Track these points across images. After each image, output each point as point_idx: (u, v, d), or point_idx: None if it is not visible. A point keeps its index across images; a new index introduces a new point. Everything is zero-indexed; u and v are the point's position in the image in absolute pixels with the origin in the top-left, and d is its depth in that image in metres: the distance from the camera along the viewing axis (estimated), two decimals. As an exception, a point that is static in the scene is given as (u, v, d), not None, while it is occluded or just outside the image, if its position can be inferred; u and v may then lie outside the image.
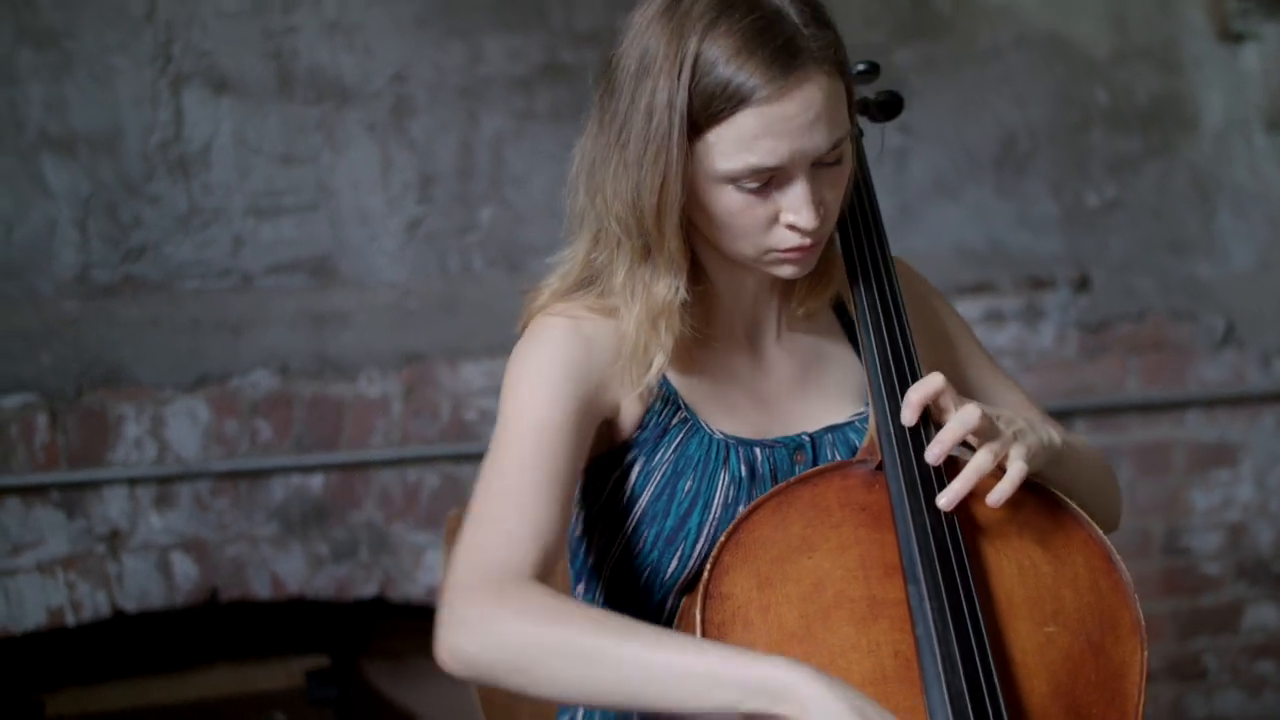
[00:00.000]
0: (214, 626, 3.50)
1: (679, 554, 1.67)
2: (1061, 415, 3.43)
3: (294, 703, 3.28)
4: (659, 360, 1.65)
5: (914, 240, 3.45)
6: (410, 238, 3.22)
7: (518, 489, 1.58)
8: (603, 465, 1.71)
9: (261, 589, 3.17)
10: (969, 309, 3.44)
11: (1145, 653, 1.62)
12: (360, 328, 3.17)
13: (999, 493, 1.58)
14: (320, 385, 3.14)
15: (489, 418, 3.19)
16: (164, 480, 3.10)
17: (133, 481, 3.09)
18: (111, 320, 3.09)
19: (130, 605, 3.11)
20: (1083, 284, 3.54)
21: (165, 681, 3.31)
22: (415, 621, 3.04)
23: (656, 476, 1.68)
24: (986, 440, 1.60)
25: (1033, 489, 1.66)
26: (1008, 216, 3.53)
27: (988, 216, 3.53)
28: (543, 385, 1.63)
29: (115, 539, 3.09)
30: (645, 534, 1.68)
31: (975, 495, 1.64)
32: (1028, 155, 3.54)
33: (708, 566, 1.54)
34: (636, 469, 1.69)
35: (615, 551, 1.70)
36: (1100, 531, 1.67)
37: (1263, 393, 3.66)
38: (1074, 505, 1.67)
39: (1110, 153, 3.58)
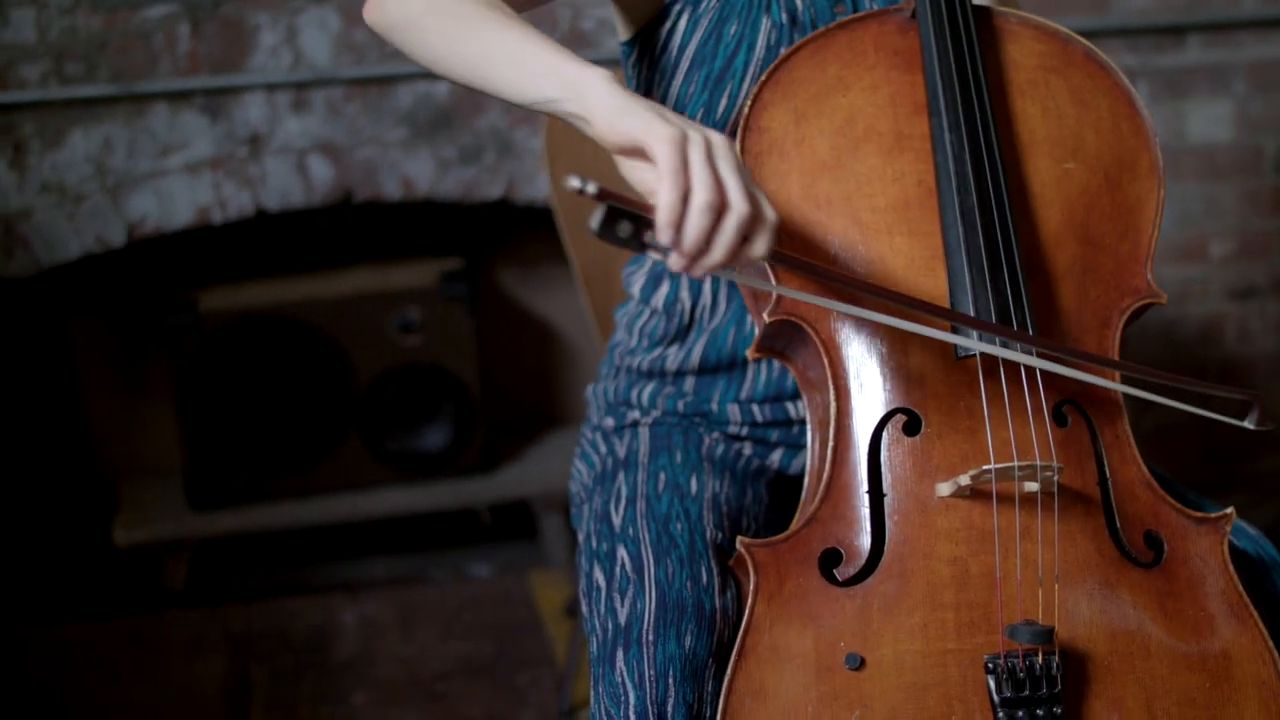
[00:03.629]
0: (354, 230, 3.70)
1: (728, 92, 1.80)
2: (1175, 30, 3.48)
3: (429, 300, 3.49)
4: None
5: None
6: None
7: None
8: (653, 25, 1.85)
9: (392, 190, 3.34)
10: (1082, -78, 3.46)
11: (1162, 192, 1.72)
12: (482, -60, 3.26)
13: None
14: (444, -4, 3.25)
15: (606, 26, 3.29)
16: (299, 86, 3.26)
17: (270, 87, 3.25)
18: (246, -67, 3.22)
19: (272, 204, 3.31)
20: (1202, -101, 3.52)
21: (309, 280, 3.51)
22: (543, 230, 3.19)
23: (704, 23, 1.81)
24: None
25: (1065, 39, 1.76)
26: None
27: None
28: None
29: (256, 142, 3.27)
30: (696, 77, 1.81)
31: (1004, 38, 1.75)
32: None
33: (748, 102, 1.67)
34: (685, 18, 1.81)
35: (671, 99, 1.83)
36: (1125, 79, 1.76)
37: (1385, 10, 3.62)
38: (1102, 55, 1.77)
39: None
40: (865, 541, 1.56)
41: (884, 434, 1.59)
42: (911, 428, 1.59)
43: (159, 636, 3.38)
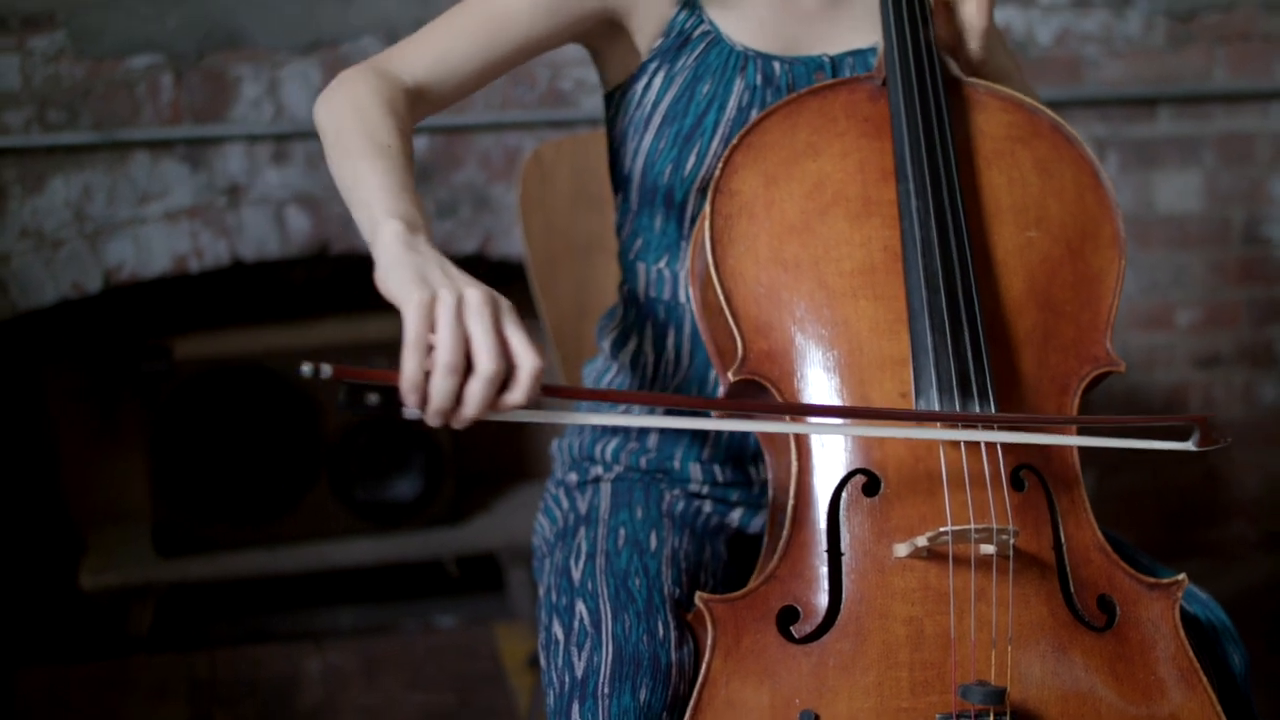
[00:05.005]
0: (328, 281, 3.72)
1: (696, 150, 1.83)
2: (1146, 102, 3.52)
3: (398, 352, 3.49)
4: None
5: (1006, -74, 3.51)
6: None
7: (459, 26, 1.79)
8: (630, 80, 1.88)
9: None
10: (1056, -6, 3.51)
11: (1123, 262, 1.76)
12: (464, -2, 3.29)
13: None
14: (424, 51, 3.28)
15: (584, 87, 3.32)
16: (279, 138, 3.29)
17: (251, 138, 3.28)
18: (230, -15, 3.26)
19: (248, 254, 3.33)
20: (1174, -28, 3.57)
21: (283, 330, 3.54)
22: (517, 285, 3.20)
23: (678, 80, 1.84)
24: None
25: (1032, 110, 1.80)
26: (1100, -98, 3.55)
27: (1080, -99, 3.55)
28: None
29: (234, 192, 3.29)
30: (666, 133, 1.84)
31: (972, 108, 1.79)
32: None
33: (720, 165, 1.71)
34: (661, 75, 1.85)
35: (642, 154, 1.87)
36: (1090, 151, 1.80)
37: (1352, 87, 3.68)
38: (1068, 126, 1.81)
39: None
40: (823, 600, 1.58)
41: (843, 494, 1.61)
42: (871, 489, 1.61)
43: (124, 682, 3.37)
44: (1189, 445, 1.65)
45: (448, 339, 1.39)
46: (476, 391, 1.40)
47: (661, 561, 1.75)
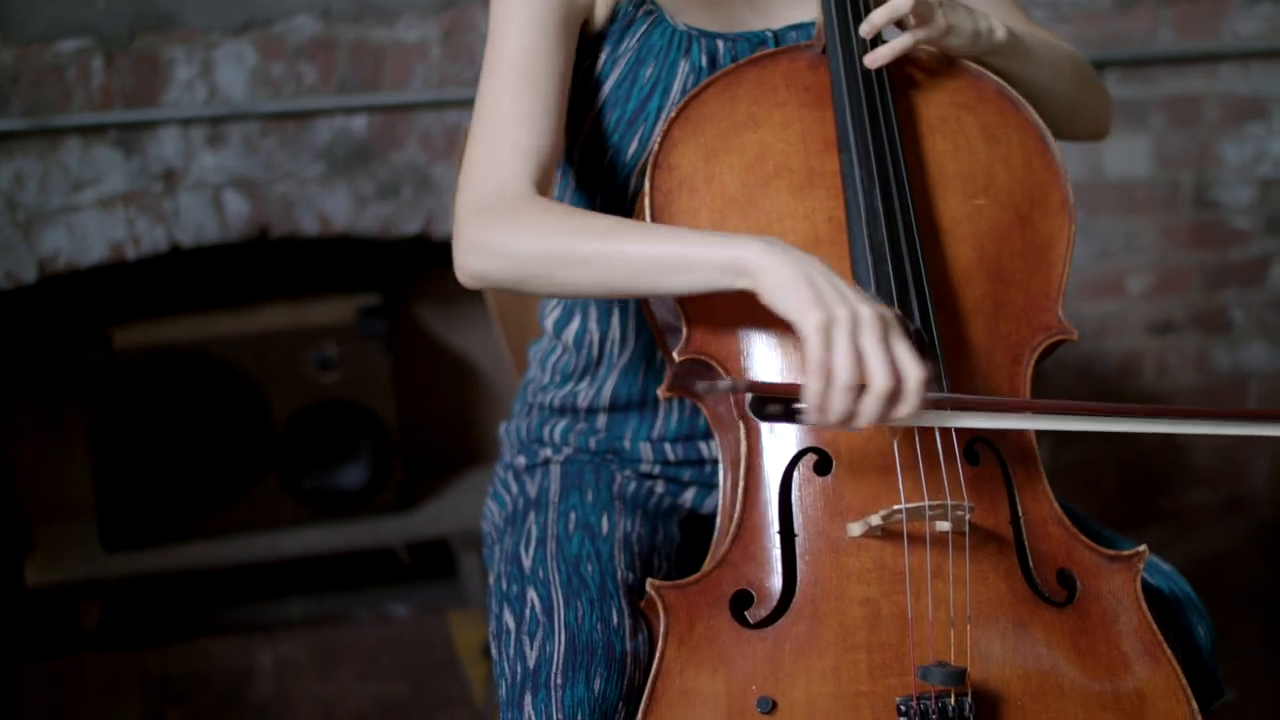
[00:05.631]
0: (270, 266, 3.67)
1: (639, 135, 1.78)
2: (1093, 66, 3.47)
3: (346, 336, 3.45)
4: None
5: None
6: (447, -114, 3.27)
7: (508, 107, 1.69)
8: (579, 58, 1.83)
9: (309, 226, 3.30)
10: (1001, -41, 3.46)
11: (1073, 228, 1.73)
12: (398, -27, 3.25)
13: (876, 55, 1.70)
14: (361, 29, 3.22)
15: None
16: (215, 121, 3.22)
17: (185, 122, 3.21)
18: (160, -34, 3.19)
19: (186, 240, 3.26)
20: (1117, -66, 3.53)
21: (225, 316, 3.48)
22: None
23: (621, 64, 1.79)
24: (923, 24, 1.70)
25: (977, 75, 1.77)
26: None
27: None
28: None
29: (170, 177, 3.22)
30: (609, 117, 1.79)
31: (914, 79, 1.75)
32: None
33: (657, 140, 1.67)
34: (604, 57, 1.79)
35: (583, 137, 1.82)
36: (1037, 115, 1.76)
37: (1299, 47, 3.65)
38: (1014, 91, 1.77)
39: None
40: (776, 583, 1.55)
41: (795, 473, 1.58)
42: (822, 467, 1.57)
43: (74, 680, 3.32)
44: None
45: (845, 363, 1.46)
46: (871, 406, 1.47)
47: (614, 545, 1.71)
